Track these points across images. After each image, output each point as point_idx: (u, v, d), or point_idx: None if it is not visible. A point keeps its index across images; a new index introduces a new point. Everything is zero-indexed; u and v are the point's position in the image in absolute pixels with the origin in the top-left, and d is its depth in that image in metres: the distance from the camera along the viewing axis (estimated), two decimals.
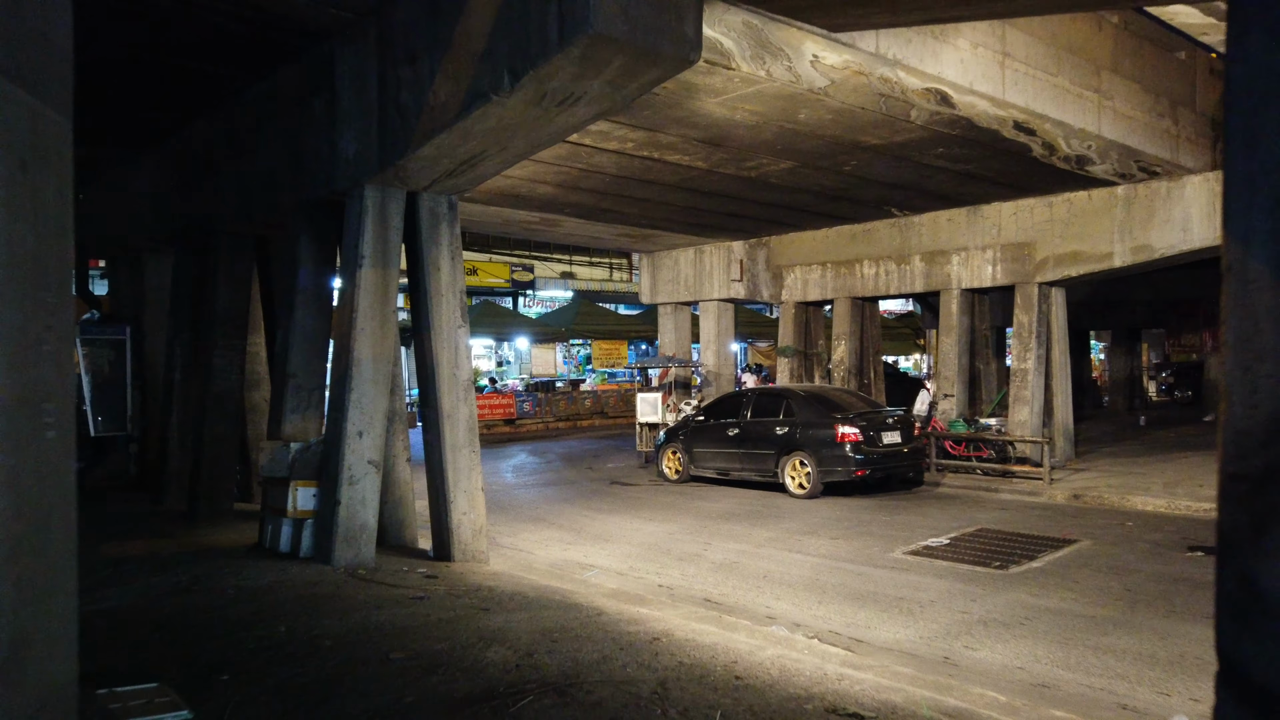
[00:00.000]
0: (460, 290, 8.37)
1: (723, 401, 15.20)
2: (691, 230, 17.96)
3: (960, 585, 8.20)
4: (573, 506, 12.93)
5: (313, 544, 7.91)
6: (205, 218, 10.48)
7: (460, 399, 8.30)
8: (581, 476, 16.20)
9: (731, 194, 14.53)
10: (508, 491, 14.53)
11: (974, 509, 12.02)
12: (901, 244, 16.34)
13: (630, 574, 8.89)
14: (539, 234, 19.05)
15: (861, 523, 11.16)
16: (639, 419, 17.64)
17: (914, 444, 13.40)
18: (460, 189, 8.19)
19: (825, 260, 17.64)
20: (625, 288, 34.56)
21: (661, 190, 14.25)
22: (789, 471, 13.20)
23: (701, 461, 14.61)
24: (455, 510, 8.22)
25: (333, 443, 7.78)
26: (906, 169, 12.83)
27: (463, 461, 8.29)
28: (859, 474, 12.66)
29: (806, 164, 12.56)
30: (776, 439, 13.39)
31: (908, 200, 15.11)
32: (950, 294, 15.69)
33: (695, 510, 12.32)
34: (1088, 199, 13.98)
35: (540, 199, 14.82)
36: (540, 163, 12.45)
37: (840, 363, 17.33)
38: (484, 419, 23.06)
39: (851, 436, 12.69)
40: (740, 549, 9.85)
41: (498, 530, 11.24)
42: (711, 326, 19.78)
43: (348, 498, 7.66)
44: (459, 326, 8.32)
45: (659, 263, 20.75)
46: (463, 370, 8.33)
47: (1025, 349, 14.65)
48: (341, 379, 7.80)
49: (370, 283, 7.83)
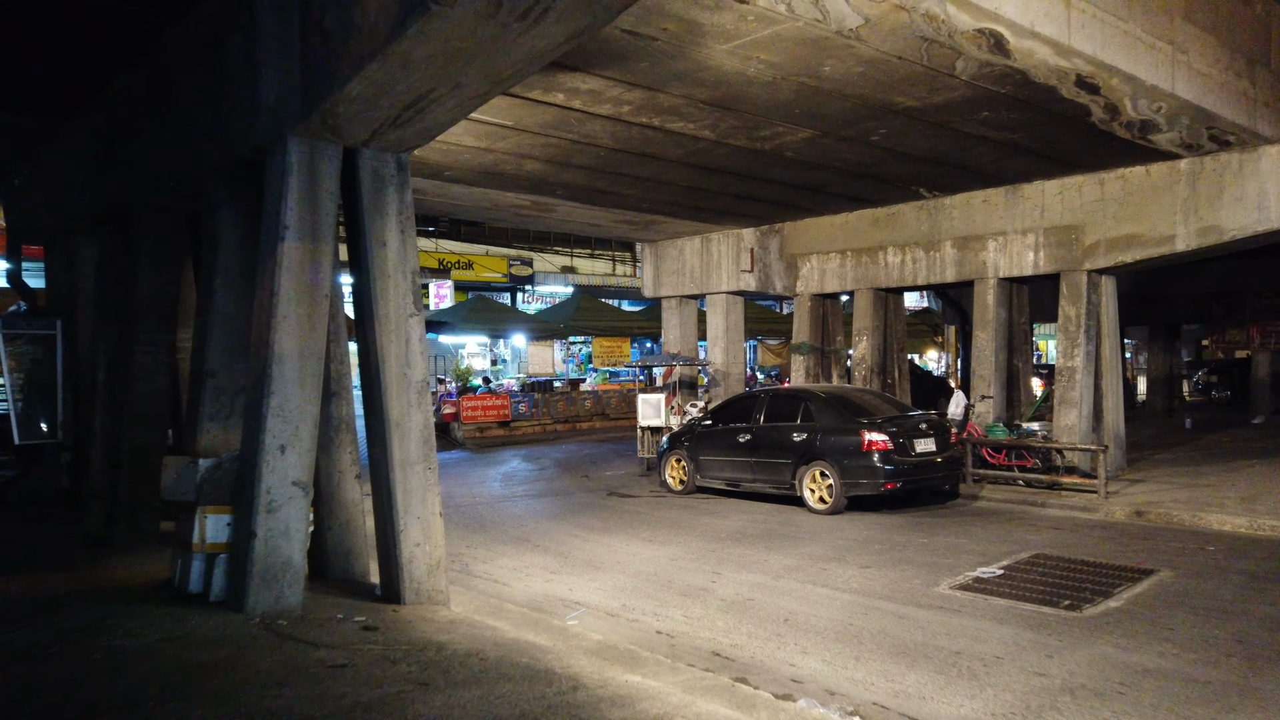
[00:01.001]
0: (413, 271, 6.82)
1: (733, 404, 13.63)
2: (697, 215, 16.38)
3: (1029, 634, 6.63)
4: (563, 524, 11.37)
5: (226, 585, 6.37)
6: (126, 192, 8.95)
7: (412, 404, 6.75)
8: (576, 486, 14.65)
9: (742, 171, 12.95)
10: (493, 505, 12.98)
11: (1022, 528, 10.42)
12: (930, 229, 14.74)
13: (623, 615, 7.34)
14: (532, 221, 17.50)
15: (895, 546, 9.58)
16: (640, 422, 16.09)
17: (950, 452, 11.80)
18: (409, 144, 6.64)
19: (845, 248, 16.04)
20: (629, 282, 33.01)
21: (664, 167, 12.68)
22: (808, 484, 11.63)
23: (709, 471, 13.05)
24: (406, 541, 6.68)
25: (248, 459, 6.24)
26: (943, 139, 11.24)
27: (416, 481, 6.74)
28: (888, 487, 11.08)
29: (829, 133, 10.98)
30: (794, 447, 11.82)
31: (940, 178, 13.50)
32: (986, 284, 14.08)
33: (702, 529, 10.75)
34: (1145, 175, 12.36)
35: (528, 178, 13.27)
36: (524, 132, 10.90)
37: (861, 360, 15.73)
38: (477, 421, 21.54)
39: (880, 444, 11.10)
40: (755, 580, 8.28)
41: (473, 554, 9.70)
42: (720, 321, 18.21)
43: (266, 529, 6.12)
44: (411, 315, 6.77)
45: (662, 253, 19.18)
46: (415, 368, 6.78)
47: (1072, 345, 13.03)
48: (259, 380, 6.26)
49: (295, 259, 6.28)
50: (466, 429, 21.39)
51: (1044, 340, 39.99)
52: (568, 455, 19.01)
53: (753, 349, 31.74)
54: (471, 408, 21.56)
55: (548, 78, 8.95)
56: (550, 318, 25.67)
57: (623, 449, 19.43)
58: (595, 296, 28.68)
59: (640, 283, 32.66)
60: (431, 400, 7.05)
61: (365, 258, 6.61)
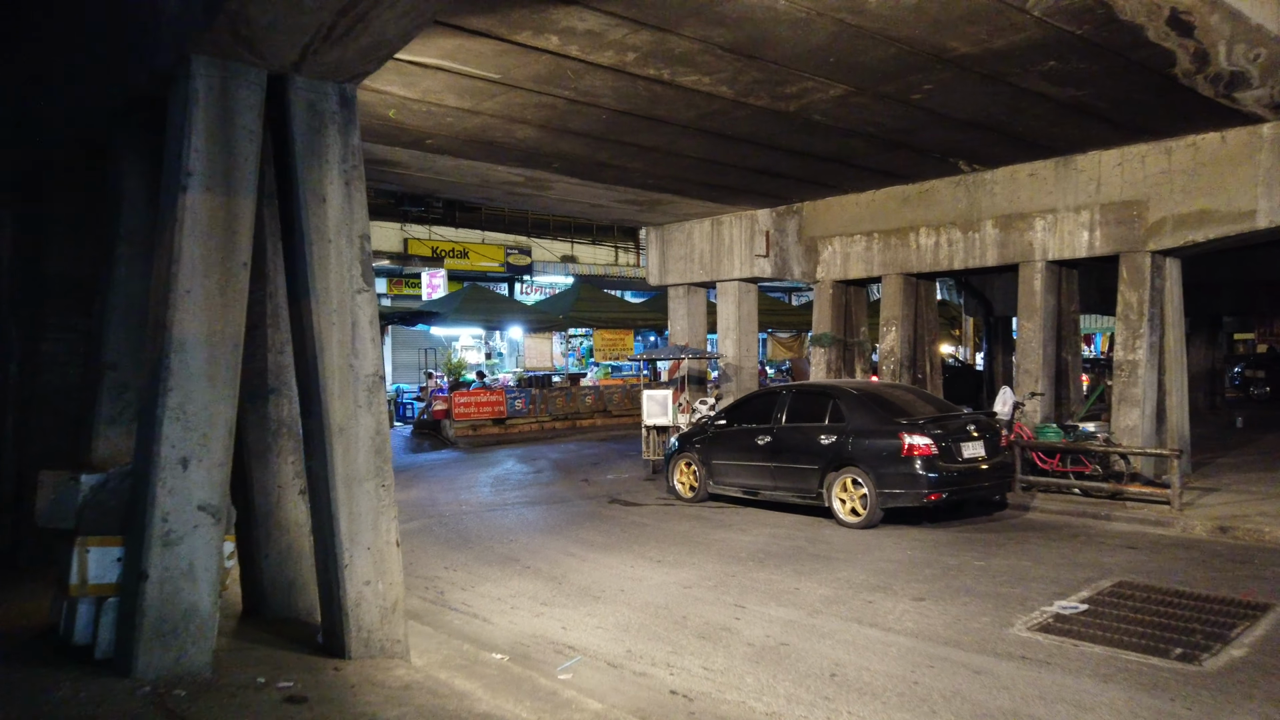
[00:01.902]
0: (361, 235, 5.37)
1: (750, 401, 12.18)
2: (709, 194, 14.90)
3: (1145, 698, 5.18)
4: (558, 538, 9.93)
5: (114, 638, 4.93)
6: (32, 152, 7.50)
7: (360, 404, 5.30)
8: (575, 492, 13.21)
9: (761, 139, 11.47)
10: (480, 514, 11.54)
11: (1091, 548, 8.97)
12: (969, 207, 13.25)
13: (627, 665, 5.90)
14: (527, 200, 16.02)
15: (947, 570, 8.12)
16: (645, 420, 14.63)
17: (1000, 458, 10.34)
18: (354, 69, 5.19)
19: (871, 229, 14.55)
20: (632, 272, 31.53)
21: (673, 134, 11.21)
22: (838, 493, 10.18)
23: (723, 476, 11.61)
24: (352, 579, 5.23)
25: (140, 475, 4.80)
26: (995, 98, 9.76)
27: (365, 502, 5.30)
28: (932, 499, 9.62)
29: (864, 89, 9.51)
30: (821, 451, 10.36)
31: (983, 148, 12.01)
32: (1033, 267, 12.60)
33: (718, 546, 9.31)
34: (1220, 142, 10.88)
35: (521, 147, 11.80)
36: (514, 88, 9.43)
37: (890, 353, 14.26)
38: (470, 418, 20.10)
39: (922, 449, 9.64)
40: (788, 617, 6.83)
41: (451, 579, 8.26)
42: (731, 311, 16.74)
43: (162, 567, 4.68)
44: (359, 290, 5.32)
45: (669, 237, 17.71)
46: (364, 358, 5.33)
47: (1134, 335, 11.56)
48: (153, 374, 4.82)
49: (202, 215, 4.83)
50: (459, 427, 19.97)
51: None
52: (566, 456, 17.57)
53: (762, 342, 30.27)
54: (464, 404, 20.13)
55: (539, 13, 7.48)
56: (549, 308, 24.22)
57: (626, 449, 17.99)
58: (597, 287, 27.21)
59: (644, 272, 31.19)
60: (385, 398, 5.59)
61: (299, 217, 5.17)
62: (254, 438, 6.11)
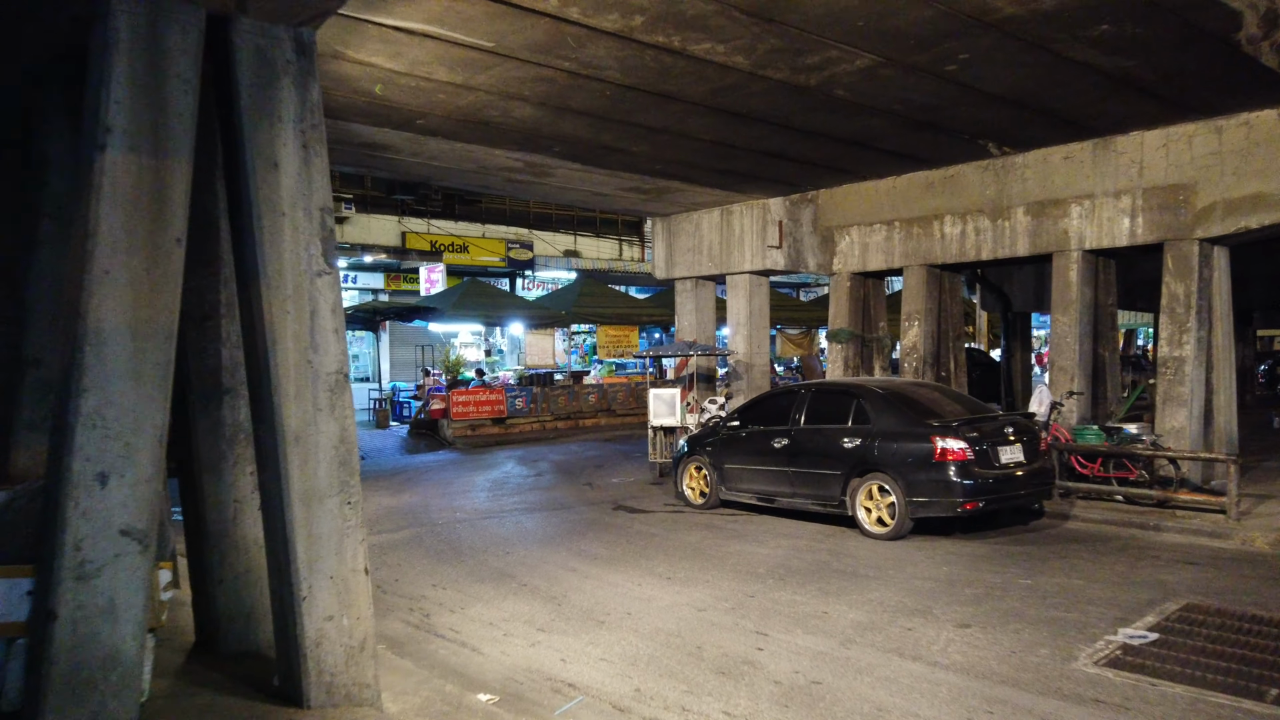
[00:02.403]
0: (321, 208, 4.56)
1: (765, 401, 11.36)
2: (719, 180, 14.07)
3: None
4: (558, 550, 9.12)
5: (22, 688, 4.12)
6: None
7: (321, 407, 4.49)
8: (577, 497, 12.40)
9: (777, 118, 10.63)
10: (475, 523, 10.73)
11: (1147, 563, 8.13)
12: (998, 193, 12.40)
13: (637, 709, 5.09)
14: (527, 188, 15.19)
15: (991, 590, 7.29)
16: (652, 421, 13.82)
17: (1040, 463, 9.50)
18: (310, 7, 4.37)
19: (892, 218, 13.70)
20: (637, 267, 30.69)
21: (683, 113, 10.38)
22: (863, 501, 9.35)
23: (736, 482, 10.79)
24: (311, 614, 4.43)
25: (51, 494, 3.99)
26: (1036, 69, 8.92)
27: (327, 523, 4.49)
28: (967, 508, 8.79)
29: (894, 59, 8.67)
30: (844, 455, 9.54)
31: (1016, 128, 11.16)
32: (1068, 257, 11.74)
33: (733, 560, 8.49)
34: (1278, 120, 10.02)
35: (519, 128, 10.97)
36: (509, 59, 8.61)
37: (912, 349, 13.41)
38: (468, 418, 19.29)
39: (957, 453, 8.81)
40: (817, 648, 6.01)
41: (439, 598, 7.45)
42: (742, 305, 15.91)
43: (75, 604, 3.88)
44: (319, 273, 4.51)
45: (676, 228, 16.88)
46: (326, 353, 4.52)
47: (1180, 330, 10.71)
48: (66, 370, 4.01)
49: (124, 181, 4.03)
50: (457, 426, 19.17)
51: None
52: (568, 458, 16.76)
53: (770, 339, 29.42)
54: (462, 403, 19.32)
55: None
56: (551, 304, 23.40)
57: (630, 450, 17.18)
58: (601, 282, 26.38)
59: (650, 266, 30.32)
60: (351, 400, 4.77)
61: (246, 186, 4.36)
62: (206, 445, 5.30)
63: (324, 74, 9.10)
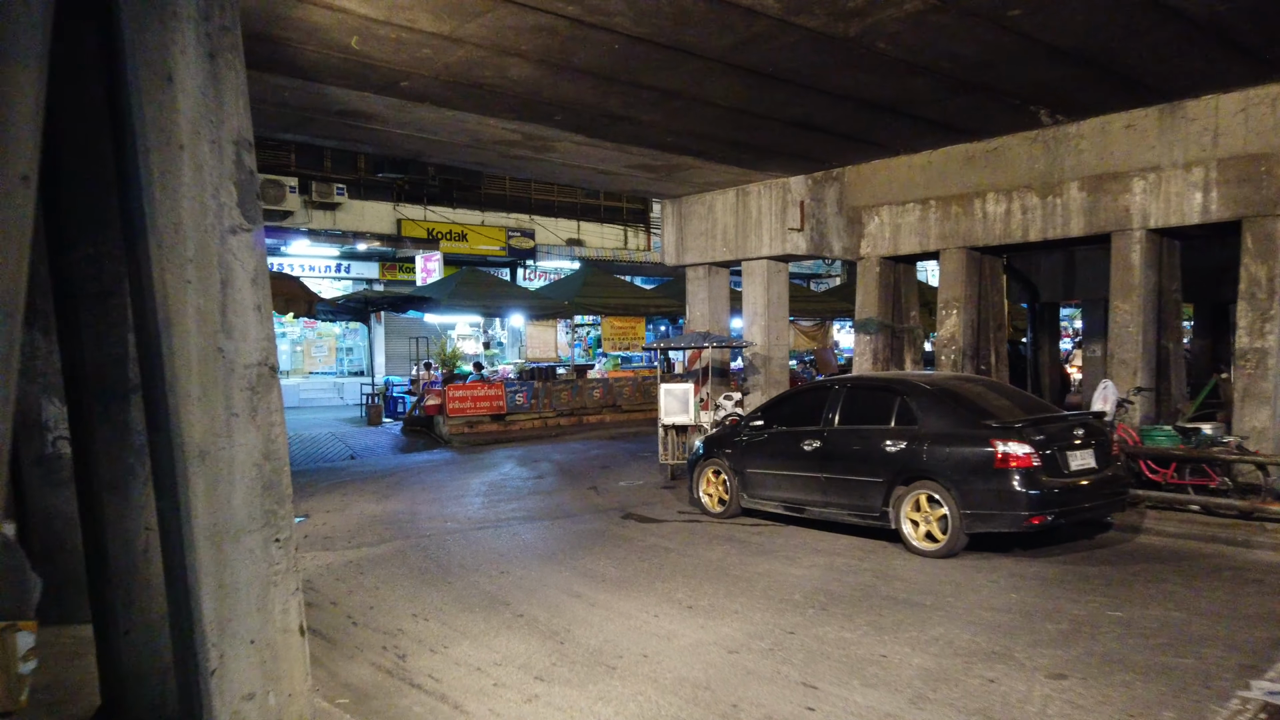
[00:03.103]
0: (237, 141, 3.37)
1: (793, 398, 10.18)
2: (736, 156, 12.87)
3: None
4: (561, 570, 7.94)
5: None
6: None
7: (236, 411, 3.31)
8: (582, 504, 11.22)
9: (806, 78, 9.43)
10: (467, 534, 9.56)
11: (1251, 588, 6.93)
12: (1048, 167, 11.17)
13: None
14: (526, 165, 13.97)
15: (1078, 625, 6.11)
16: (663, 418, 12.63)
17: (1112, 469, 8.30)
18: None
19: (926, 196, 12.49)
20: (643, 256, 29.48)
21: (700, 73, 9.19)
22: (909, 513, 8.17)
23: (759, 488, 9.61)
24: (224, 690, 3.25)
25: None
26: (1113, 15, 7.72)
27: (245, 569, 3.31)
28: (1034, 522, 7.60)
29: (949, 3, 7.46)
30: (887, 460, 8.35)
31: (1074, 91, 9.94)
32: (1129, 237, 10.53)
33: (764, 583, 7.30)
34: None
35: (516, 91, 9.78)
36: (505, 2, 7.40)
37: (950, 341, 12.20)
38: (466, 414, 18.11)
39: (1021, 459, 7.61)
40: (882, 707, 4.82)
41: (419, 633, 6.27)
42: (759, 294, 14.71)
43: None
44: (233, 230, 3.33)
45: (688, 211, 15.67)
46: (245, 339, 3.34)
47: (1262, 317, 9.50)
48: None
49: None
50: (453, 423, 17.99)
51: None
52: (572, 458, 15.58)
53: None
54: (459, 399, 18.14)
55: None
56: (553, 294, 22.19)
57: (638, 449, 16.00)
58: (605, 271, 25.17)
59: (656, 256, 29.16)
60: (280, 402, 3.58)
61: (129, 107, 3.16)
62: (109, 458, 4.12)
63: (292, 24, 7.92)
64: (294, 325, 25.18)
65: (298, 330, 25.67)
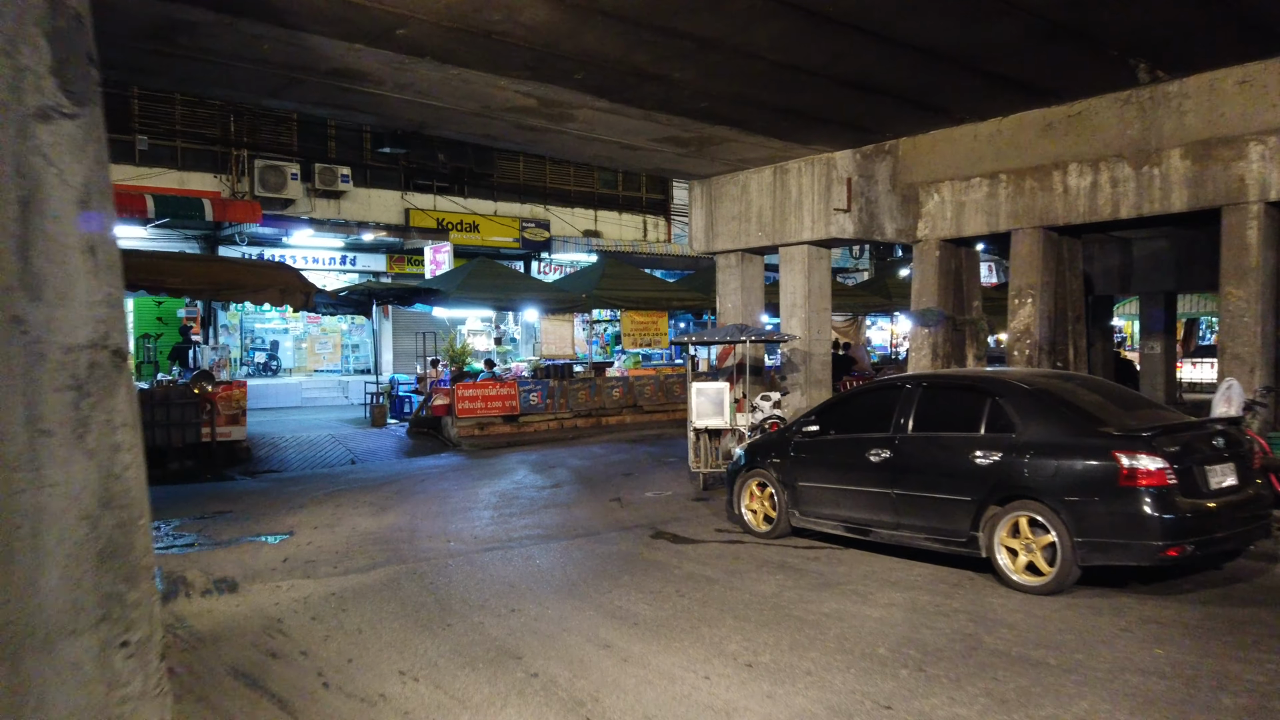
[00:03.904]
0: None
1: (854, 399, 8.78)
2: (776, 126, 11.45)
3: None
4: (584, 608, 6.54)
5: None
6: None
7: (47, 428, 1.91)
8: (605, 519, 9.83)
9: (872, 21, 8.01)
10: (472, 559, 8.17)
11: None
12: (1143, 132, 9.69)
13: None
14: (541, 139, 12.59)
15: (1263, 697, 4.65)
16: (694, 421, 11.22)
17: (1255, 487, 6.83)
18: None
19: (996, 170, 11.02)
20: (664, 249, 28.03)
21: (746, 13, 7.78)
22: (1005, 539, 6.72)
23: (814, 504, 8.20)
24: None
25: None
26: None
27: (62, 697, 1.90)
28: (1171, 554, 6.14)
29: None
30: (976, 474, 6.91)
31: (1183, 41, 8.49)
32: (1244, 212, 9.04)
33: (836, 630, 5.88)
34: None
35: (531, 40, 8.39)
36: None
37: (1024, 333, 10.73)
38: (476, 415, 16.77)
39: (1153, 475, 6.15)
40: None
41: (406, 699, 4.88)
42: (799, 283, 13.28)
43: None
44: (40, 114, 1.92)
45: (719, 192, 14.25)
46: (66, 304, 1.94)
47: None
48: None
49: None
50: (462, 425, 16.64)
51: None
52: (591, 463, 14.19)
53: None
54: (469, 398, 16.78)
55: None
56: (570, 286, 20.79)
57: (663, 453, 14.60)
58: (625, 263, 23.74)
59: (679, 247, 27.73)
60: (135, 407, 2.17)
61: None
62: None
63: None
64: (296, 320, 23.88)
65: (301, 326, 24.37)
